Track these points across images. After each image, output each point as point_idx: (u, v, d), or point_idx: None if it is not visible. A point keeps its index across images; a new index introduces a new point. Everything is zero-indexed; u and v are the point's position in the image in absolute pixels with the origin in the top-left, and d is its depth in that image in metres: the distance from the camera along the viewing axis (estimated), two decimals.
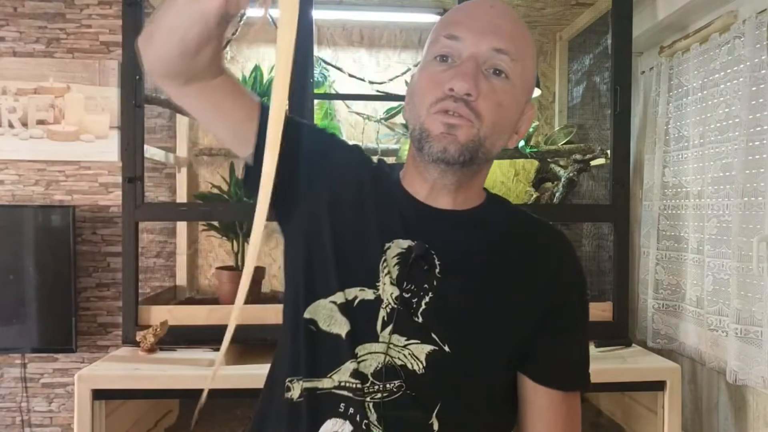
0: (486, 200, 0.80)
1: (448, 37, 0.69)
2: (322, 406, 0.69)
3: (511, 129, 0.73)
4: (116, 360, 1.61)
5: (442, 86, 0.67)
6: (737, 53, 1.56)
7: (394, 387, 0.68)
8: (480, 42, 0.68)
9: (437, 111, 0.68)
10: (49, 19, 2.15)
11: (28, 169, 2.15)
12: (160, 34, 0.62)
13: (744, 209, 1.51)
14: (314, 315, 0.71)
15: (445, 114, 0.67)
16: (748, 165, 1.51)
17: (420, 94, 0.71)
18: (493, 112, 0.68)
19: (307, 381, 0.70)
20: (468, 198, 0.77)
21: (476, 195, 0.79)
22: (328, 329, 0.70)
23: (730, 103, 1.61)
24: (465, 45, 0.68)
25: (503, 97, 0.68)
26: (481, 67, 0.68)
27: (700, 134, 1.73)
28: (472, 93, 0.66)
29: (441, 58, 0.70)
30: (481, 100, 0.67)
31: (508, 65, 0.68)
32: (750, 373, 1.49)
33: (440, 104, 0.67)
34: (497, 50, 0.68)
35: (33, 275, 1.97)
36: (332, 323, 0.70)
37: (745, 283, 1.51)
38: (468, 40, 0.68)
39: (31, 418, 2.16)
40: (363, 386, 0.68)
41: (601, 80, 2.19)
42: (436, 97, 0.68)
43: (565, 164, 2.06)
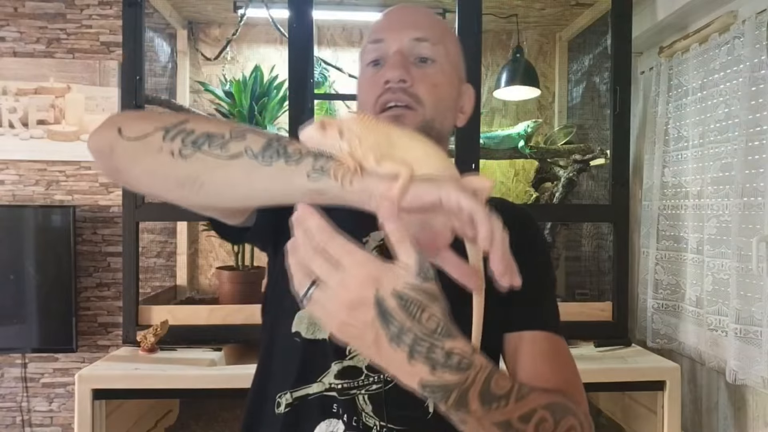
0: None
1: (373, 42, 0.76)
2: (314, 410, 0.70)
3: (455, 107, 0.78)
4: (116, 360, 1.61)
5: (378, 83, 0.72)
6: (737, 53, 1.56)
7: (388, 376, 0.69)
8: (401, 37, 0.74)
9: (381, 109, 0.72)
10: (50, 19, 2.16)
11: (28, 169, 2.15)
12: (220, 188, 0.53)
13: (743, 209, 1.51)
14: (297, 327, 0.72)
15: (389, 109, 0.72)
16: (748, 165, 1.51)
17: (363, 99, 0.76)
18: (430, 93, 0.73)
19: (297, 390, 0.71)
20: None
21: None
22: (312, 336, 0.71)
23: (729, 103, 1.61)
24: (389, 43, 0.74)
25: (436, 78, 0.74)
26: (408, 58, 0.73)
27: (699, 134, 1.73)
28: (406, 79, 0.71)
29: (373, 63, 0.75)
30: (416, 84, 0.72)
31: (430, 50, 0.74)
32: (749, 373, 1.49)
33: (381, 99, 0.72)
34: (417, 39, 0.73)
35: (33, 275, 1.97)
36: (316, 330, 0.72)
37: (745, 283, 1.51)
38: (390, 38, 0.74)
39: (32, 417, 2.17)
40: (357, 380, 0.70)
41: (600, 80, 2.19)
42: (375, 94, 0.73)
43: (565, 164, 2.06)
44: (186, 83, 2.20)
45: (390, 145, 0.51)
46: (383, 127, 0.52)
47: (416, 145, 0.52)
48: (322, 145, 0.51)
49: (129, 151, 0.54)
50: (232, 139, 0.52)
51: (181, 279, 2.20)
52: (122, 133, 0.54)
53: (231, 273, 1.94)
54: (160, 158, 0.53)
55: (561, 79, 2.33)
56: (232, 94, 2.01)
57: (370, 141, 0.50)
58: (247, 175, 0.51)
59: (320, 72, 2.12)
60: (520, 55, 2.10)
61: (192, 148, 0.52)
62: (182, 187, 0.53)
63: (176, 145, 0.52)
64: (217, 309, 1.76)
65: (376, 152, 0.50)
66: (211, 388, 1.50)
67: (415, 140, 0.52)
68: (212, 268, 2.21)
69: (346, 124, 0.51)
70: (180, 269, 2.20)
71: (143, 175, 0.55)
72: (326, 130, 0.50)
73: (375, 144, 0.50)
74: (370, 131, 0.51)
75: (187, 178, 0.52)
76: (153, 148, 0.53)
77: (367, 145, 0.50)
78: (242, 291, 1.91)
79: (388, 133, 0.52)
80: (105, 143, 0.55)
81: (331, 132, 0.50)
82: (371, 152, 0.50)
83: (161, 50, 2.21)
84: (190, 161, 0.52)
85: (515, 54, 2.10)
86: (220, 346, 1.70)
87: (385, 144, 0.50)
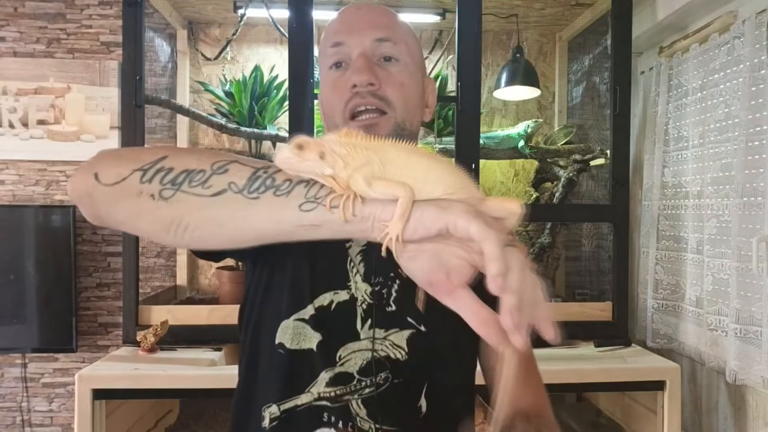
0: None
1: (333, 45, 0.74)
2: (304, 421, 0.69)
3: (421, 104, 0.78)
4: (116, 360, 1.61)
5: (344, 87, 0.71)
6: (737, 53, 1.56)
7: (380, 379, 0.69)
8: (362, 38, 0.72)
9: (350, 114, 0.71)
10: (50, 19, 2.16)
11: (28, 169, 2.15)
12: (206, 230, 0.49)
13: (743, 209, 1.51)
14: (281, 338, 0.71)
15: (359, 117, 0.71)
16: (748, 165, 1.51)
17: (329, 104, 0.74)
18: (399, 93, 0.72)
19: (285, 402, 0.70)
20: None
21: None
22: (298, 347, 0.70)
23: (729, 103, 1.61)
24: (350, 46, 0.73)
25: (402, 78, 0.73)
26: (372, 59, 0.72)
27: (699, 134, 1.73)
28: (374, 82, 0.70)
29: (335, 65, 0.74)
30: (384, 86, 0.71)
31: (393, 49, 0.73)
32: (749, 373, 1.49)
33: (350, 104, 0.71)
34: (379, 40, 0.72)
35: (33, 275, 1.97)
36: (301, 340, 0.70)
37: (745, 283, 1.51)
38: (351, 41, 0.73)
39: (32, 417, 2.17)
40: (349, 386, 0.69)
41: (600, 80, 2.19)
42: (343, 100, 0.71)
43: (565, 164, 2.06)
44: (186, 83, 2.19)
45: (384, 164, 0.44)
46: (373, 143, 0.45)
47: (417, 160, 0.45)
48: (301, 170, 0.44)
49: (108, 197, 0.50)
50: (213, 173, 0.47)
51: (181, 279, 2.20)
52: (99, 178, 0.50)
53: (231, 273, 1.94)
54: (140, 203, 0.48)
55: (561, 79, 2.33)
56: (232, 94, 2.01)
57: (359, 160, 0.44)
58: (233, 213, 0.46)
59: None
60: (520, 55, 2.10)
61: (172, 189, 0.47)
62: (167, 232, 0.48)
63: (155, 187, 0.48)
64: (217, 309, 1.76)
65: (366, 173, 0.43)
66: (211, 388, 1.50)
67: (415, 155, 0.45)
68: (212, 268, 2.21)
69: (328, 144, 0.44)
70: (180, 269, 2.20)
71: (128, 221, 0.51)
72: (304, 151, 0.43)
73: (364, 164, 0.44)
74: (357, 149, 0.44)
75: (171, 222, 0.48)
76: (132, 193, 0.48)
77: (354, 166, 0.43)
78: (242, 291, 1.90)
79: (379, 149, 0.45)
80: (83, 190, 0.51)
81: (310, 154, 0.43)
82: (360, 174, 0.43)
83: (161, 50, 2.21)
84: (171, 203, 0.47)
85: (515, 54, 2.10)
86: (220, 346, 1.70)
87: (377, 162, 0.44)
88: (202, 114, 2.00)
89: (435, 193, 0.44)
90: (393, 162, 0.44)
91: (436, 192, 0.44)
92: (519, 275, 0.40)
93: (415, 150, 0.46)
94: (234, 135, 2.04)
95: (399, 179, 0.44)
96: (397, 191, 0.43)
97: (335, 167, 0.44)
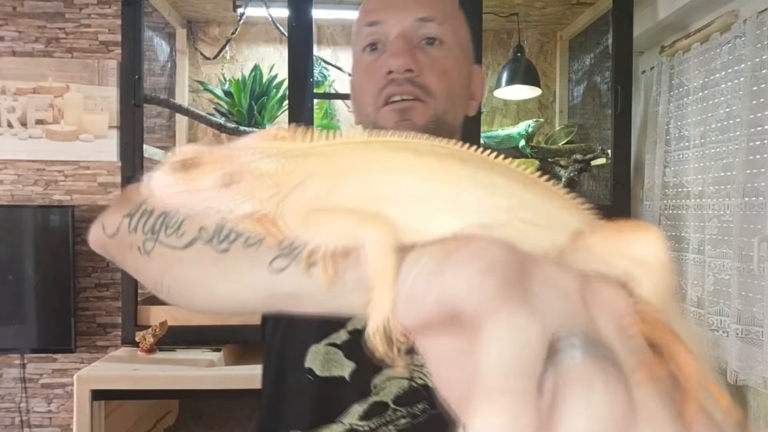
0: None
1: (369, 24, 0.65)
2: None
3: (466, 95, 0.68)
4: (115, 360, 1.61)
5: (379, 73, 0.62)
6: (738, 53, 1.56)
7: (417, 410, 0.64)
8: (402, 18, 0.63)
9: (384, 102, 0.63)
10: (49, 18, 2.15)
11: (27, 169, 2.14)
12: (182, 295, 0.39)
13: (745, 209, 1.50)
14: (311, 363, 0.66)
15: (394, 103, 0.62)
16: (749, 165, 1.50)
17: (361, 91, 0.66)
18: (441, 82, 0.63)
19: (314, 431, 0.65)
20: None
21: None
22: (328, 374, 0.65)
23: (730, 103, 1.60)
24: (389, 26, 0.64)
25: (445, 64, 0.64)
26: (412, 41, 0.63)
27: (701, 134, 1.72)
28: (412, 68, 0.61)
29: (370, 47, 0.65)
30: (424, 73, 0.62)
31: (437, 30, 0.64)
32: (751, 374, 1.49)
33: (385, 92, 0.63)
34: (422, 19, 0.63)
35: (32, 275, 1.97)
36: (332, 366, 0.65)
37: (746, 283, 1.51)
38: (390, 20, 0.64)
39: (31, 418, 2.16)
40: (384, 416, 0.64)
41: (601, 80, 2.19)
42: (377, 86, 0.63)
43: (566, 164, 2.05)
44: (185, 82, 2.19)
45: (334, 177, 0.24)
46: (322, 144, 0.25)
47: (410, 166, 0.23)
48: (194, 207, 0.26)
49: (114, 249, 0.45)
50: (186, 217, 0.35)
51: None
52: (105, 229, 0.45)
53: None
54: (134, 258, 0.41)
55: (562, 78, 2.33)
56: (232, 93, 2.01)
57: (291, 180, 0.24)
58: (203, 273, 0.34)
59: (320, 71, 2.11)
60: (520, 54, 2.09)
61: (152, 239, 0.38)
62: (157, 292, 0.40)
63: (139, 238, 0.40)
64: None
65: (298, 200, 0.24)
66: (211, 389, 1.49)
67: (405, 157, 0.24)
68: None
69: (240, 155, 0.25)
70: None
71: (135, 276, 0.44)
72: (191, 172, 0.24)
73: (297, 184, 0.24)
74: (289, 159, 0.25)
75: (156, 283, 0.39)
76: (126, 245, 0.41)
77: (282, 193, 0.24)
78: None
79: (327, 152, 0.25)
80: (97, 245, 0.47)
81: (204, 178, 0.24)
82: (288, 204, 0.24)
83: (160, 49, 2.20)
84: (152, 258, 0.38)
85: (516, 53, 2.10)
86: (220, 346, 1.70)
87: (322, 177, 0.24)
88: (201, 113, 1.99)
89: (445, 228, 0.23)
90: (358, 171, 0.24)
91: (448, 224, 0.23)
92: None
93: (390, 143, 0.24)
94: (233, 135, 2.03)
95: (367, 203, 0.23)
96: (354, 229, 0.23)
97: (256, 198, 0.24)
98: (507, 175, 0.24)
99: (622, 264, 0.21)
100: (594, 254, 0.22)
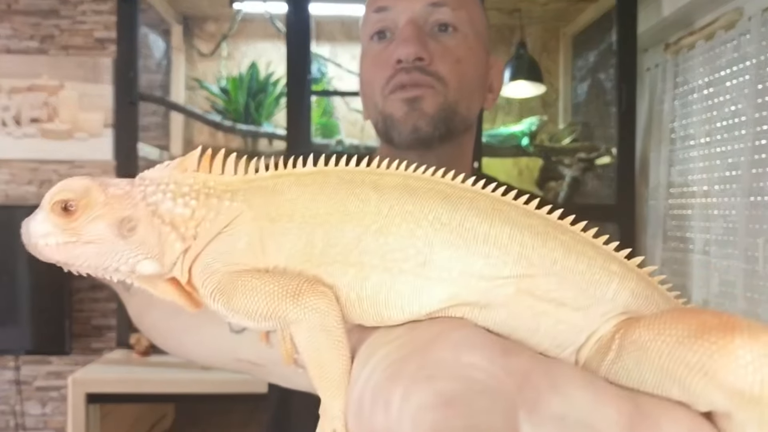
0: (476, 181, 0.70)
1: (377, 10, 0.61)
2: None
3: (482, 86, 0.64)
4: (110, 363, 1.59)
5: (388, 62, 0.59)
6: (743, 50, 1.54)
7: None
8: (412, 2, 0.59)
9: (392, 90, 0.59)
10: (43, 15, 2.12)
11: (21, 168, 2.12)
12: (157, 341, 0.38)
13: (750, 209, 1.48)
14: None
15: (403, 90, 0.58)
16: (754, 164, 1.48)
17: (368, 81, 0.63)
18: (454, 70, 0.59)
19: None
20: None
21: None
22: None
23: (736, 101, 1.58)
24: (397, 11, 0.60)
25: (459, 52, 0.60)
26: (424, 28, 0.59)
27: (706, 132, 1.70)
28: (423, 56, 0.57)
29: (378, 36, 0.62)
30: (436, 61, 0.58)
31: (451, 16, 0.60)
32: None
33: (393, 81, 0.59)
34: (433, 4, 0.59)
35: (26, 276, 1.94)
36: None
37: (752, 284, 1.48)
38: (398, 5, 0.60)
39: (25, 421, 2.13)
40: None
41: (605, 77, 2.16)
42: (385, 76, 0.59)
43: (570, 163, 2.03)
44: (181, 80, 2.16)
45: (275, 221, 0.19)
46: (253, 178, 0.20)
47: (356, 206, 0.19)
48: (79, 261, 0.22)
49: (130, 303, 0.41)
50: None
51: None
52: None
53: None
54: (125, 296, 0.39)
55: (565, 75, 2.30)
56: (228, 90, 1.98)
57: (213, 226, 0.20)
58: (167, 321, 0.32)
59: (318, 68, 2.08)
60: (523, 51, 2.06)
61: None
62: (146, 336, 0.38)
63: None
64: None
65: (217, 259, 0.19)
66: (207, 393, 1.47)
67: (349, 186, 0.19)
68: None
69: (134, 192, 0.21)
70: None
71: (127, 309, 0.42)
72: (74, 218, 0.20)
73: (223, 232, 0.19)
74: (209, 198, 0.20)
75: (136, 322, 0.38)
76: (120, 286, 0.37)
77: (199, 244, 0.20)
78: None
79: (266, 187, 0.20)
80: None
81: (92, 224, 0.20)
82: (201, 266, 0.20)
83: (156, 46, 2.17)
84: (132, 297, 0.36)
85: (518, 50, 2.07)
86: None
87: (262, 224, 0.19)
88: (197, 111, 1.96)
89: (428, 300, 0.18)
90: (309, 216, 0.19)
91: (433, 294, 0.18)
92: None
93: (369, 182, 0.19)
94: (229, 133, 2.01)
95: (315, 262, 0.19)
96: (284, 307, 0.18)
97: (165, 252, 0.20)
98: (517, 223, 0.17)
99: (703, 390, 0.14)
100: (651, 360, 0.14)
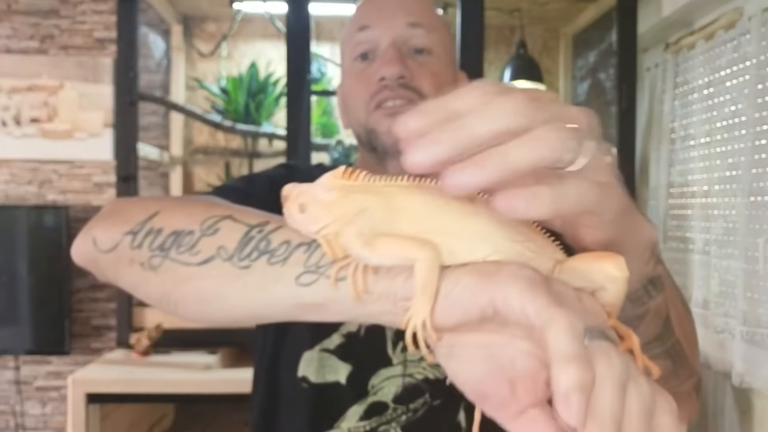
0: None
1: (360, 29, 0.68)
2: None
3: None
4: (110, 363, 1.59)
5: (371, 80, 0.66)
6: (743, 50, 1.54)
7: (417, 405, 0.65)
8: (393, 22, 0.67)
9: (376, 106, 0.66)
10: (43, 15, 2.12)
11: (21, 168, 2.11)
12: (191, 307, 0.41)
13: (751, 209, 1.48)
14: (305, 371, 0.66)
15: (386, 108, 0.66)
16: (755, 164, 1.48)
17: (353, 97, 0.70)
18: (431, 84, 0.67)
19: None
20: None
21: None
22: (323, 380, 0.65)
23: (736, 101, 1.58)
24: (379, 31, 0.67)
25: (434, 68, 0.68)
26: (402, 49, 0.67)
27: (706, 132, 1.70)
28: (404, 74, 0.65)
29: (361, 57, 0.69)
30: (415, 77, 0.66)
31: (426, 39, 0.68)
32: (756, 376, 1.47)
33: (377, 98, 0.66)
34: (412, 24, 0.67)
35: (26, 276, 1.94)
36: (326, 372, 0.65)
37: (752, 284, 1.49)
38: (380, 24, 0.67)
39: (25, 421, 2.13)
40: (385, 415, 0.65)
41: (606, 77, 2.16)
42: (370, 92, 0.66)
43: None
44: (181, 80, 2.16)
45: (392, 211, 0.31)
46: (377, 184, 0.32)
47: (444, 205, 0.31)
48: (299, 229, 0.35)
49: (108, 264, 0.45)
50: (203, 235, 0.39)
51: None
52: (96, 244, 0.45)
53: None
54: (133, 272, 0.42)
55: (566, 75, 2.30)
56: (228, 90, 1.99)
57: (350, 209, 0.31)
58: (219, 288, 0.38)
59: (318, 68, 2.08)
60: (523, 51, 2.07)
61: (160, 256, 0.40)
62: (161, 305, 0.42)
63: (145, 255, 0.41)
64: None
65: (361, 228, 0.31)
66: (207, 393, 1.47)
67: (440, 197, 0.31)
68: None
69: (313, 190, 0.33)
70: None
71: (131, 290, 0.46)
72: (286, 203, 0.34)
73: (357, 213, 0.31)
74: (348, 193, 0.32)
75: (161, 297, 0.42)
76: (125, 261, 0.42)
77: (345, 219, 0.31)
78: None
79: (385, 192, 0.32)
80: (87, 259, 0.48)
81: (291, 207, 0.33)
82: (352, 230, 0.31)
83: (155, 46, 2.17)
84: (159, 273, 0.40)
85: (519, 49, 2.07)
86: (216, 349, 1.68)
87: (379, 210, 0.31)
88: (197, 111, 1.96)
89: (476, 254, 0.30)
90: (407, 209, 0.31)
91: (478, 252, 0.30)
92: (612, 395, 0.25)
93: (440, 191, 0.30)
94: (229, 133, 2.01)
95: (416, 234, 0.30)
96: (410, 252, 0.29)
97: (319, 222, 0.32)
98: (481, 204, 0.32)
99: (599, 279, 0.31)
100: (577, 274, 0.31)
